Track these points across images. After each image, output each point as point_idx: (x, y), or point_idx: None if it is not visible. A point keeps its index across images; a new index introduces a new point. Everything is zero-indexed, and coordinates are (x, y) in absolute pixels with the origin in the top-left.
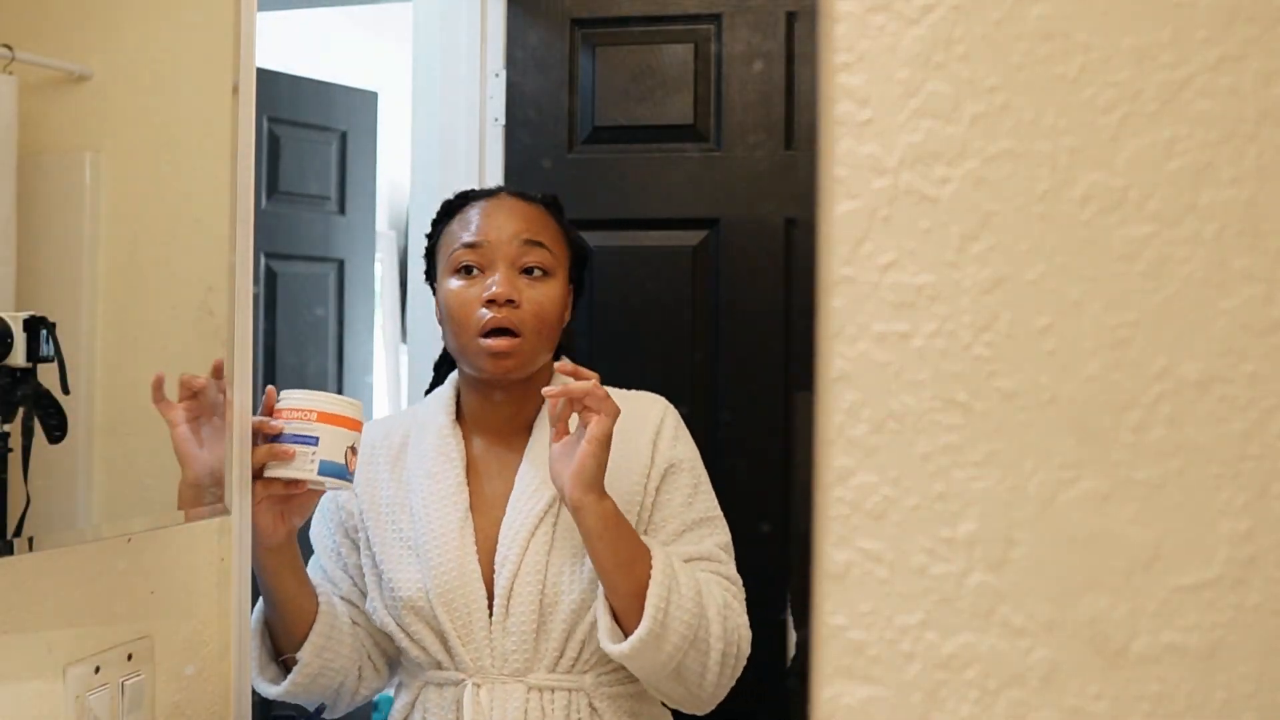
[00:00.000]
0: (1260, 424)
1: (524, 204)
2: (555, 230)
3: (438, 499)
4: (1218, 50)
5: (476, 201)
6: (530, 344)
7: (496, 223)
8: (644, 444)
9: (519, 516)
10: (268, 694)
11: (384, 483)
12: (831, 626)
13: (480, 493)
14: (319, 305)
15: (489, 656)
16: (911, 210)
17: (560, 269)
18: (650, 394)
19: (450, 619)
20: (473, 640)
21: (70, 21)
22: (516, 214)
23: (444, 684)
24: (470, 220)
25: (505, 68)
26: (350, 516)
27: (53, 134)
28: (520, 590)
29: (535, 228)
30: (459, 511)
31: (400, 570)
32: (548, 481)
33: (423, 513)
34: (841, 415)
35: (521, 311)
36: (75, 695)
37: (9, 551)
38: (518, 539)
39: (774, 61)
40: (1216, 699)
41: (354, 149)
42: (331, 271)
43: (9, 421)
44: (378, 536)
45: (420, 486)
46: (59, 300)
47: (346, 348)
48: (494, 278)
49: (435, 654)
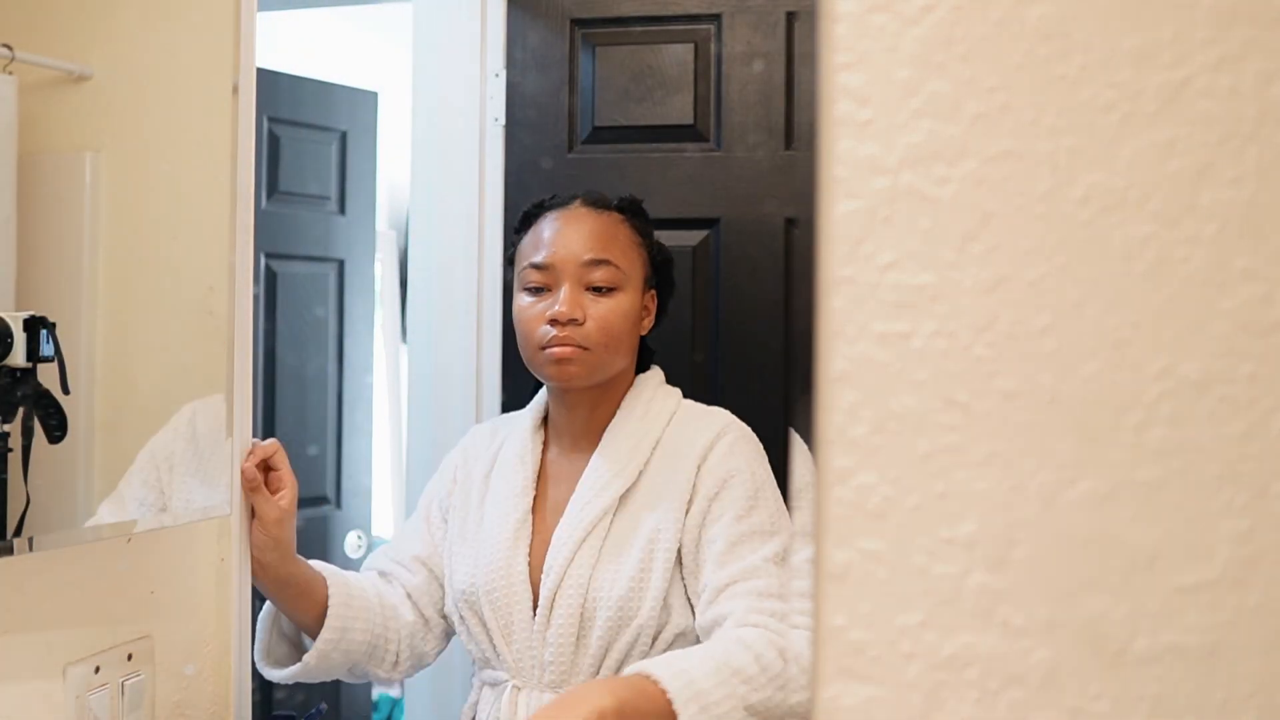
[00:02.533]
0: (1260, 424)
1: (597, 215)
2: (628, 240)
3: (504, 499)
4: (1218, 50)
5: (551, 213)
6: (596, 356)
7: (564, 241)
8: (687, 471)
9: (572, 523)
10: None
11: (476, 478)
12: (831, 626)
13: (546, 496)
14: (319, 305)
15: (529, 661)
16: (911, 210)
17: (631, 281)
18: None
19: (495, 616)
20: (515, 641)
21: (70, 21)
22: (586, 230)
23: (494, 684)
24: (541, 237)
25: (505, 68)
26: (449, 496)
27: (53, 134)
28: (563, 597)
29: (603, 244)
30: (519, 513)
31: (458, 562)
32: (602, 492)
33: (491, 511)
34: (841, 415)
35: (586, 328)
36: (75, 695)
37: (9, 551)
38: (566, 545)
39: (774, 61)
40: (1216, 699)
41: (354, 149)
42: (331, 271)
43: (9, 421)
44: (455, 526)
45: (495, 486)
46: (59, 300)
47: (346, 348)
48: (559, 295)
49: (484, 650)
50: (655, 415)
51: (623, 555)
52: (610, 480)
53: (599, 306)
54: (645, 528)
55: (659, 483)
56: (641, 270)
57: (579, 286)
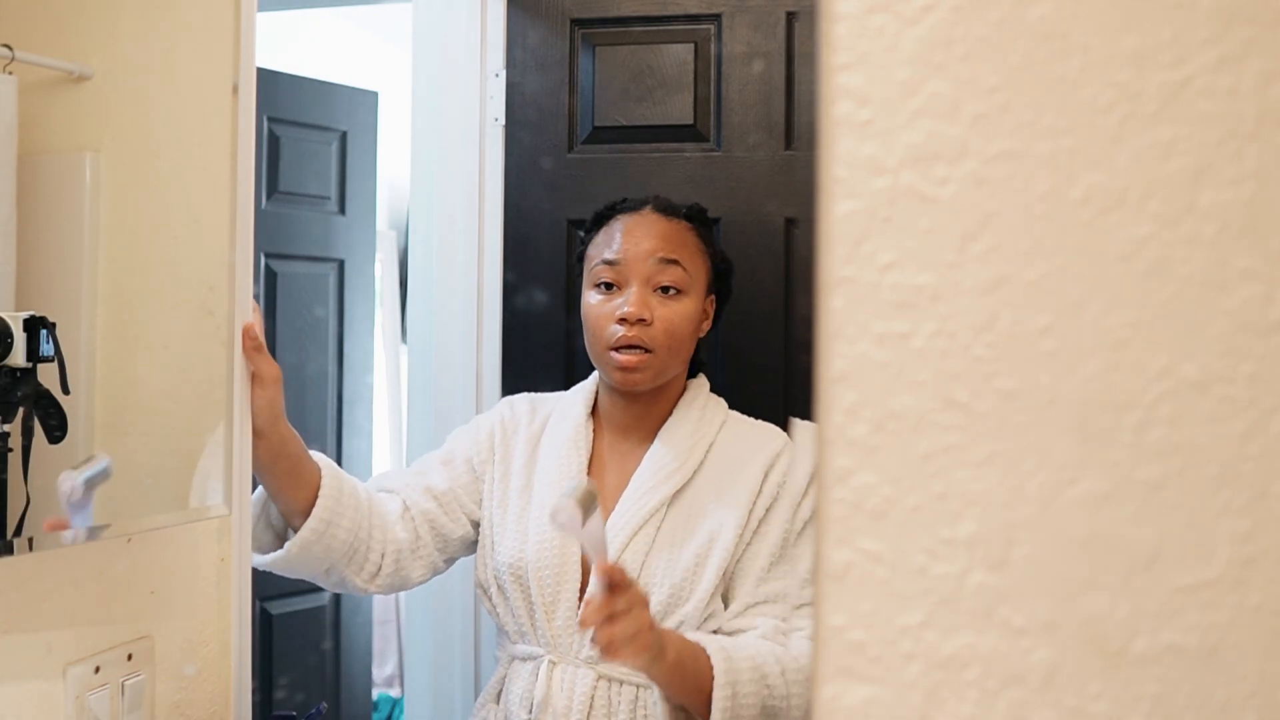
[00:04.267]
0: (1260, 424)
1: (666, 220)
2: (694, 246)
3: (558, 479)
4: (1218, 50)
5: (622, 215)
6: (660, 359)
7: (635, 240)
8: (756, 472)
9: (627, 512)
10: (256, 563)
11: (518, 453)
12: (831, 626)
13: (599, 484)
14: (319, 305)
15: (568, 637)
16: (911, 210)
17: (696, 285)
18: (772, 427)
19: (541, 591)
20: (557, 618)
21: (70, 21)
22: (656, 232)
23: (527, 659)
24: (613, 236)
25: (505, 68)
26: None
27: (53, 134)
28: None
29: (672, 246)
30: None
31: (505, 534)
32: (660, 485)
33: (541, 489)
34: (841, 415)
35: (653, 329)
36: (75, 695)
37: (9, 551)
38: (622, 533)
39: (774, 61)
40: (1216, 699)
41: (354, 149)
42: (331, 271)
43: (9, 421)
44: (498, 496)
45: (546, 465)
46: (59, 300)
47: (346, 348)
48: (628, 295)
49: (521, 624)
50: (710, 420)
51: (677, 547)
52: (671, 474)
53: (666, 309)
54: (705, 524)
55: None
56: (705, 276)
57: (647, 287)
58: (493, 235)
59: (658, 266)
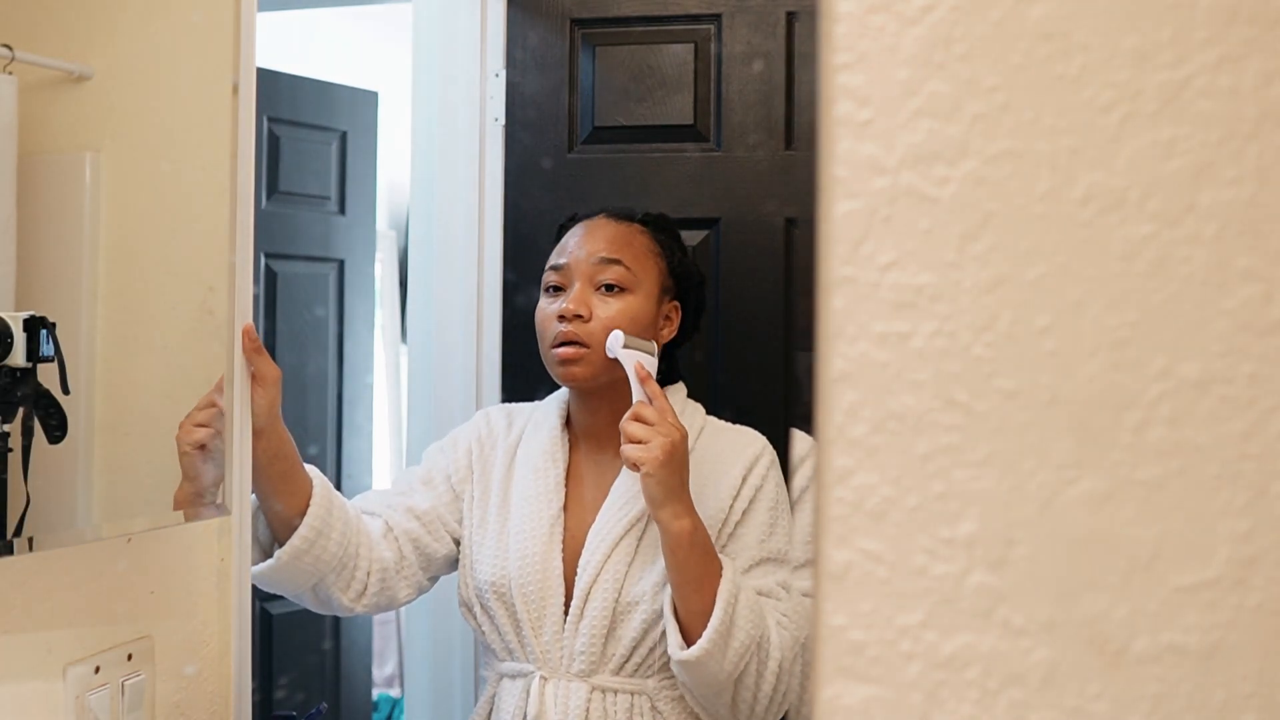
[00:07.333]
0: (1260, 424)
1: (616, 224)
2: (643, 247)
3: (535, 494)
4: (1218, 50)
5: (576, 224)
6: (599, 354)
7: (581, 244)
8: (736, 472)
9: (607, 524)
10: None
11: (496, 466)
12: (831, 626)
13: (576, 496)
14: (319, 305)
15: (558, 652)
16: (911, 210)
17: (645, 285)
18: (751, 431)
19: (526, 608)
20: (544, 633)
21: (70, 21)
22: (602, 235)
23: (516, 675)
24: (564, 244)
25: (505, 68)
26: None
27: (53, 134)
28: (597, 594)
29: (616, 246)
30: (553, 509)
31: (484, 551)
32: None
33: (519, 505)
34: (841, 415)
35: (590, 325)
36: (75, 695)
37: (9, 551)
38: (602, 545)
39: (774, 61)
40: (1216, 699)
41: (354, 149)
42: (331, 271)
43: (9, 421)
44: (478, 515)
45: (523, 479)
46: (59, 300)
47: (346, 348)
48: (569, 293)
49: (509, 641)
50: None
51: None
52: None
53: (605, 306)
54: None
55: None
56: (657, 277)
57: (589, 286)
58: (493, 235)
59: (599, 265)
